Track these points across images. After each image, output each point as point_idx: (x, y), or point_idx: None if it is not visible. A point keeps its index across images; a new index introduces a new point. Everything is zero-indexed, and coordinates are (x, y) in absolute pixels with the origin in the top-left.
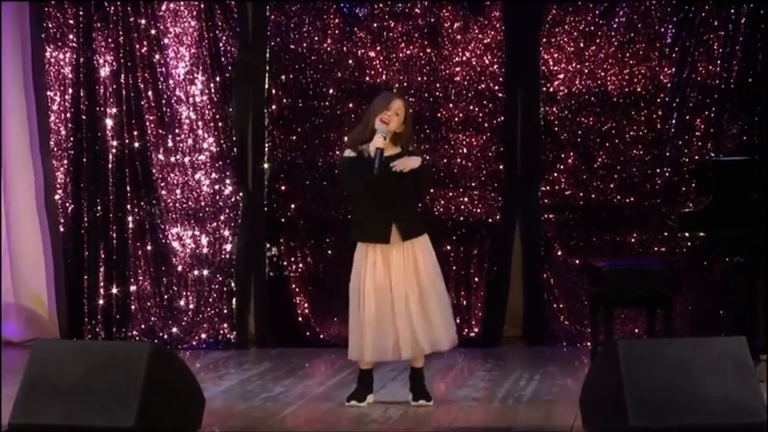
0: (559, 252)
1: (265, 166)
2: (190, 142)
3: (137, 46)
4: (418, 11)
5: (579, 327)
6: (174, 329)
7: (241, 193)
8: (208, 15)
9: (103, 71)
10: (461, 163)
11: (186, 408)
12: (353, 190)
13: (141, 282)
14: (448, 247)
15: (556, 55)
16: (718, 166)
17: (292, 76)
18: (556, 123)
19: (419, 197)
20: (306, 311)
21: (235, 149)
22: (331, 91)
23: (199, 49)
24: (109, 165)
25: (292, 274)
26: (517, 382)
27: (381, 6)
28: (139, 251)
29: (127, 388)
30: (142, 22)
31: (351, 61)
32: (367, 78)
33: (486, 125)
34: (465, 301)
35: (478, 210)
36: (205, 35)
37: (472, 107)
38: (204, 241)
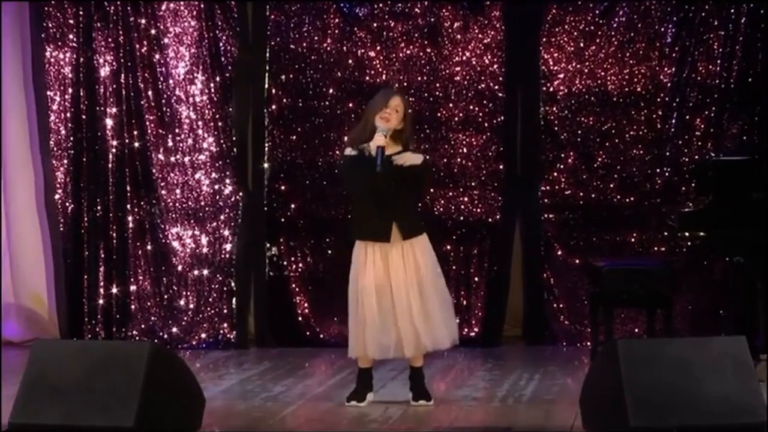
0: (559, 252)
1: (265, 165)
2: (190, 141)
3: (137, 46)
4: (418, 11)
5: (579, 327)
6: (174, 329)
7: (241, 193)
8: (208, 15)
9: (103, 71)
10: (461, 162)
11: (186, 408)
12: (355, 189)
13: (141, 282)
14: (448, 247)
15: (556, 54)
16: (718, 166)
17: (292, 76)
18: (556, 123)
19: (419, 197)
20: (306, 311)
21: (235, 149)
22: (331, 90)
23: (199, 49)
24: (109, 165)
25: (292, 274)
26: (517, 381)
27: (381, 6)
28: (139, 251)
29: (127, 388)
30: (142, 21)
31: (351, 60)
32: (367, 78)
33: (486, 125)
34: (465, 301)
35: (478, 210)
36: (205, 35)
37: (472, 107)
38: (204, 240)
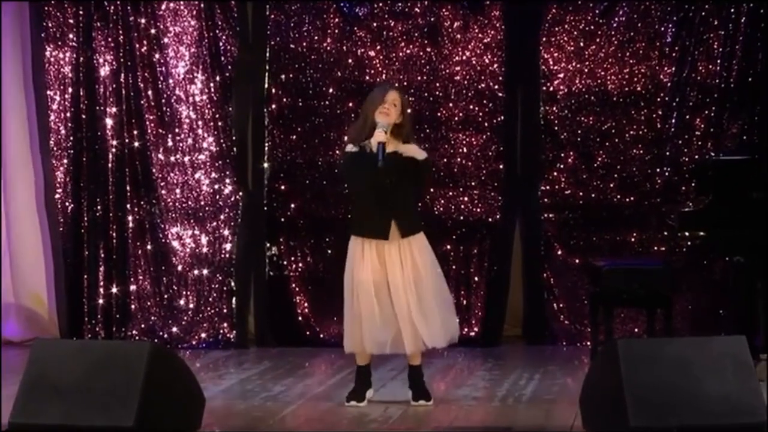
0: (559, 251)
1: (265, 165)
2: (189, 141)
3: (137, 46)
4: (418, 10)
5: (579, 326)
6: (174, 329)
7: (240, 193)
8: (208, 14)
9: (103, 70)
10: (461, 162)
11: (186, 407)
12: (356, 186)
13: (141, 281)
14: (448, 247)
15: (556, 54)
16: (718, 166)
17: (291, 76)
18: (556, 122)
19: (419, 195)
20: (306, 311)
21: (234, 149)
22: (330, 90)
23: (199, 49)
24: (109, 164)
25: (291, 274)
26: (517, 381)
27: (381, 5)
28: (139, 251)
29: (127, 388)
30: (142, 21)
31: (351, 60)
32: (367, 77)
33: (486, 125)
34: (465, 301)
35: (478, 209)
36: (205, 35)
37: (472, 107)
38: (204, 240)
